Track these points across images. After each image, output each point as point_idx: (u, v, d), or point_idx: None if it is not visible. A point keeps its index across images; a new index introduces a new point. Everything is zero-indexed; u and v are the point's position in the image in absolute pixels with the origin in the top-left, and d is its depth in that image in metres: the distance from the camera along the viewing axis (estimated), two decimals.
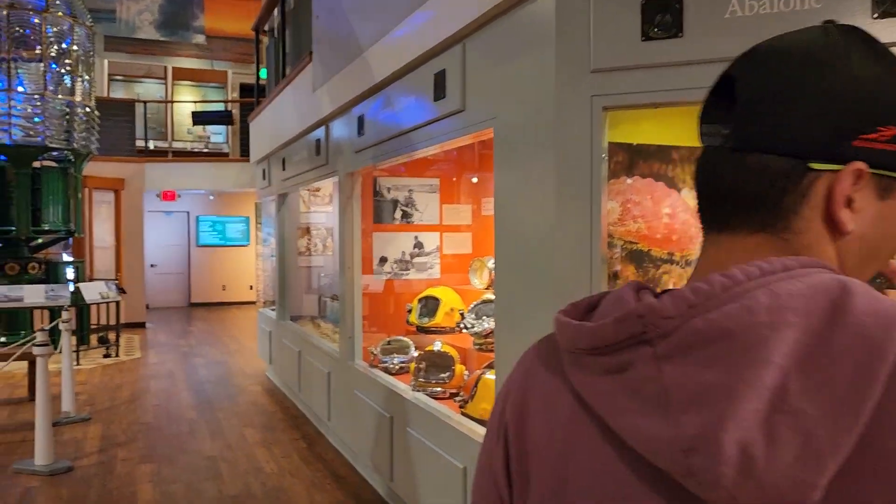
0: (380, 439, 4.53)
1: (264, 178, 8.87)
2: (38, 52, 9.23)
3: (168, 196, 16.04)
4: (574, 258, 2.54)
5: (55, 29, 9.32)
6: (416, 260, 5.51)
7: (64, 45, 9.50)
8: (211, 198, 17.60)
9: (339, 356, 5.56)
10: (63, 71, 9.54)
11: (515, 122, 2.87)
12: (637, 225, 2.88)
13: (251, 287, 18.14)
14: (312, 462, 5.66)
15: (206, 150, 17.55)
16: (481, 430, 3.32)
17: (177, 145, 17.19)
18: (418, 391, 4.15)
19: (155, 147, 16.61)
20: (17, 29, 9.05)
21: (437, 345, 4.30)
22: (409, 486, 4.06)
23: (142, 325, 13.60)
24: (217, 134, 17.96)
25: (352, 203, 5.22)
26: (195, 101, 17.07)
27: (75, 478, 5.31)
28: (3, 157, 9.35)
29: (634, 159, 2.88)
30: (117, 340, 10.73)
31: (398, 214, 5.47)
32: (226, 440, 6.30)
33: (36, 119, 9.27)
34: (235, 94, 17.81)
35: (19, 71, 9.12)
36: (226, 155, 16.85)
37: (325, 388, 5.91)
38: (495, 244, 3.07)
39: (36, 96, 9.26)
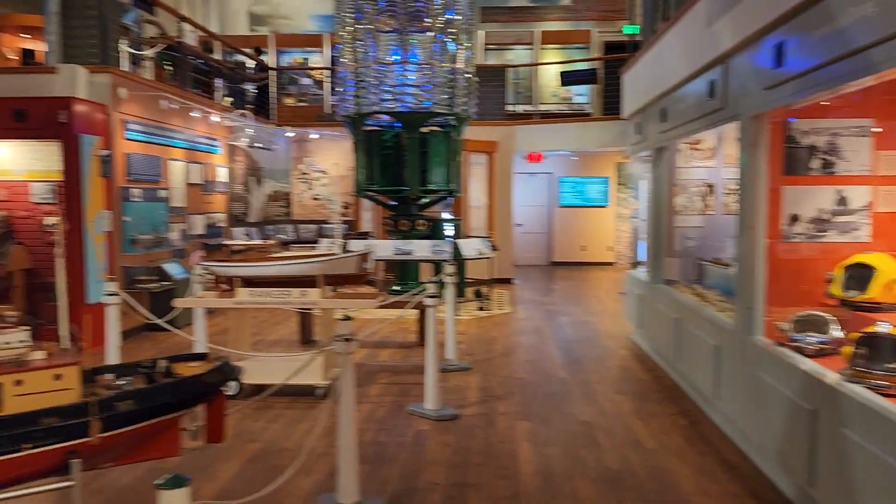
0: (794, 434, 3.77)
1: (637, 132, 8.33)
2: (426, 23, 9.91)
3: (534, 157, 16.45)
4: None
5: (442, 0, 9.89)
6: (838, 219, 4.51)
7: (448, 15, 10.05)
8: (574, 158, 17.66)
9: (732, 328, 4.85)
10: (447, 40, 10.12)
11: None
12: None
13: (609, 248, 17.90)
14: (696, 443, 5.09)
15: (568, 112, 17.62)
16: None
17: (541, 108, 17.55)
18: (854, 382, 3.31)
19: (523, 111, 17.16)
20: (412, 4, 9.80)
21: (884, 326, 3.37)
22: (842, 499, 3.27)
23: (509, 281, 14.23)
24: (579, 95, 17.90)
25: (757, 152, 4.42)
26: (560, 62, 17.16)
27: (460, 426, 5.52)
28: (397, 124, 10.32)
29: None
30: (490, 295, 11.30)
31: (815, 164, 4.52)
32: (599, 406, 6.04)
33: (425, 87, 10.01)
34: (598, 54, 17.49)
35: (411, 41, 9.91)
36: (588, 115, 16.68)
37: (712, 363, 5.25)
38: None
39: (425, 65, 9.98)
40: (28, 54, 10.83)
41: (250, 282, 6.20)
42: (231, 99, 12.97)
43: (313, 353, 4.15)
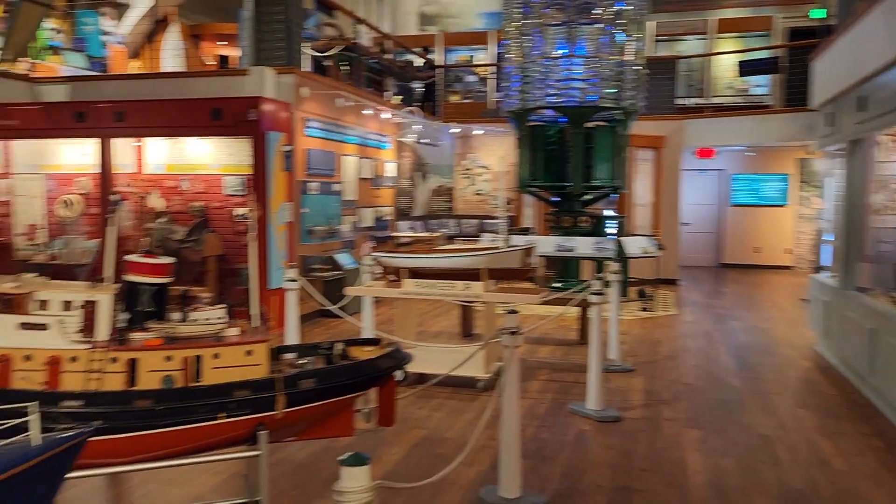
0: None
1: (828, 124, 7.63)
2: (595, 14, 9.68)
3: (705, 153, 15.62)
4: None
5: None
6: None
7: (618, 6, 9.75)
8: (750, 154, 16.56)
9: None
10: (616, 31, 9.83)
11: None
12: None
13: (787, 250, 16.61)
14: (894, 468, 4.58)
15: (744, 104, 16.53)
16: None
17: (714, 101, 16.60)
18: None
19: (694, 104, 16.33)
20: None
21: None
22: None
23: (674, 282, 13.62)
24: (758, 86, 16.72)
25: None
26: (737, 51, 16.13)
27: (623, 429, 5.35)
28: (562, 119, 10.17)
29: None
30: (654, 295, 10.87)
31: None
32: (778, 419, 5.60)
33: (591, 81, 9.79)
34: (781, 41, 16.24)
35: (579, 34, 9.72)
36: (768, 107, 15.55)
37: None
38: None
39: (592, 59, 9.76)
40: (224, 60, 11.85)
41: (417, 273, 6.37)
42: (400, 97, 13.44)
43: (478, 345, 4.18)
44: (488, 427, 5.11)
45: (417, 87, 15.02)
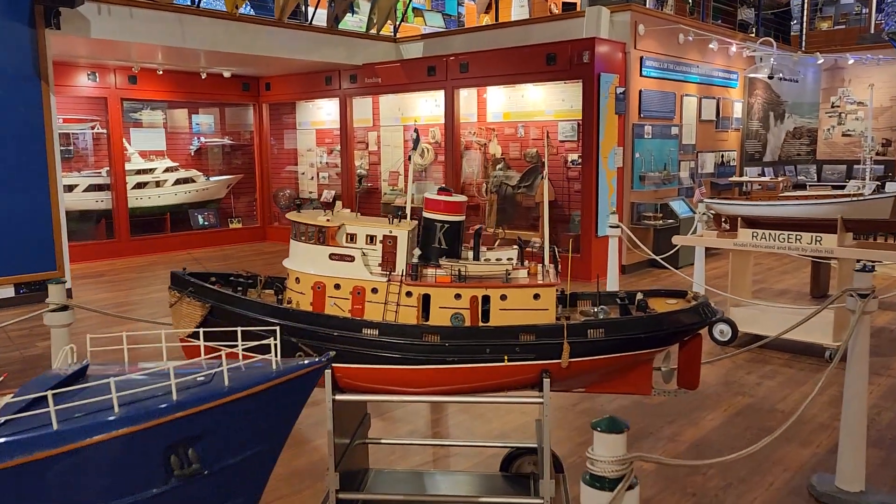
0: None
1: None
2: None
3: None
4: None
5: None
6: None
7: None
8: None
9: None
10: None
11: None
12: None
13: None
14: None
15: None
16: None
17: None
18: None
19: None
20: None
21: None
22: None
23: None
24: None
25: None
26: None
27: None
28: None
29: None
30: None
31: None
32: None
33: None
34: None
35: None
36: None
37: None
38: None
39: None
40: (568, 7, 11.79)
41: (755, 222, 5.67)
42: (754, 28, 12.03)
43: (819, 307, 3.54)
44: (832, 404, 4.39)
45: (776, 13, 13.30)
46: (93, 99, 10.69)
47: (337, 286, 2.62)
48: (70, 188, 10.29)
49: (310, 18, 10.33)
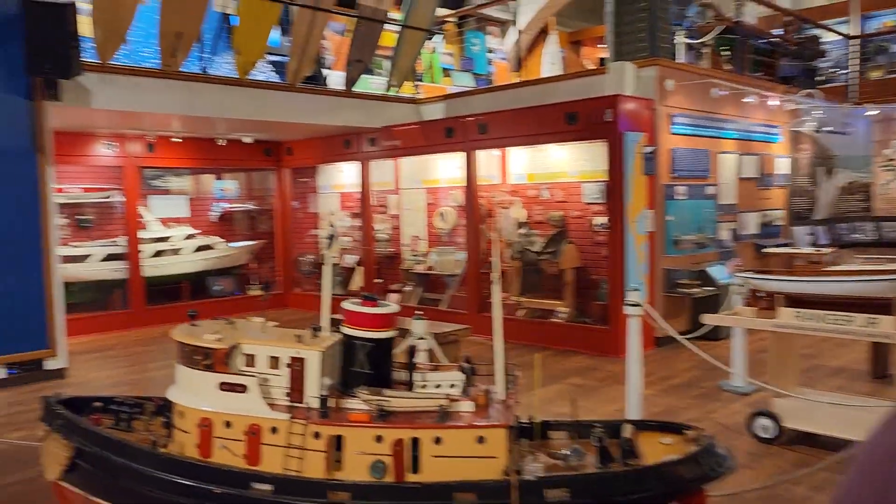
0: None
1: None
2: None
3: None
4: None
5: None
6: None
7: None
8: None
9: None
10: None
11: None
12: None
13: None
14: None
15: None
16: None
17: None
18: None
19: None
20: None
21: None
22: None
23: None
24: None
25: None
26: None
27: None
28: None
29: None
30: None
31: None
32: None
33: None
34: None
35: None
36: None
37: None
38: None
39: None
40: (603, 62, 11.35)
41: (798, 300, 4.94)
42: (797, 79, 11.34)
43: (885, 401, 2.82)
44: None
45: (822, 65, 12.59)
46: (112, 168, 10.58)
47: (227, 424, 2.05)
48: (83, 258, 10.09)
49: (324, 81, 10.09)
